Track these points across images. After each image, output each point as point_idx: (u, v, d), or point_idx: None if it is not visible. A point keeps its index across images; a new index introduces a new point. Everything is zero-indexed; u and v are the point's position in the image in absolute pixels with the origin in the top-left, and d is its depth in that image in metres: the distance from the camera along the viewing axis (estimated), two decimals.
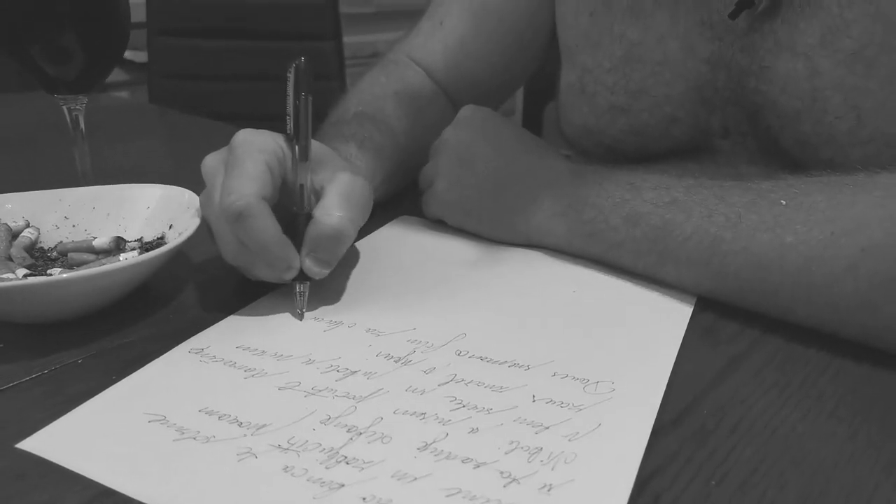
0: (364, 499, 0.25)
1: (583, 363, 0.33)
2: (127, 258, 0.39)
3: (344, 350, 0.34)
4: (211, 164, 0.38)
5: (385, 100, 0.55)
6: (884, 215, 0.33)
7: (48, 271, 0.39)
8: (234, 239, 0.36)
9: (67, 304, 0.35)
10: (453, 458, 0.27)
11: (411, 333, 0.36)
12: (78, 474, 0.26)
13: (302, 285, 0.38)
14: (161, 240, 0.42)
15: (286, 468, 0.26)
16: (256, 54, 1.41)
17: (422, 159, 0.52)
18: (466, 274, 0.43)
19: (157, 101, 1.38)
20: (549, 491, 0.25)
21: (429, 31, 0.62)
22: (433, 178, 0.49)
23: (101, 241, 0.42)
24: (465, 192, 0.47)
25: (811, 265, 0.35)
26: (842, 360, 0.35)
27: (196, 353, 0.34)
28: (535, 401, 0.30)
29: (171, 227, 0.42)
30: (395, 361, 0.33)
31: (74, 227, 0.43)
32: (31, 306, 0.34)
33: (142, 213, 0.44)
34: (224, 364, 0.33)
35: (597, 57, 0.53)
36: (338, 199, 0.37)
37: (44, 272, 0.39)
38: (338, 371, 0.32)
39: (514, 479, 0.26)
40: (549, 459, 0.27)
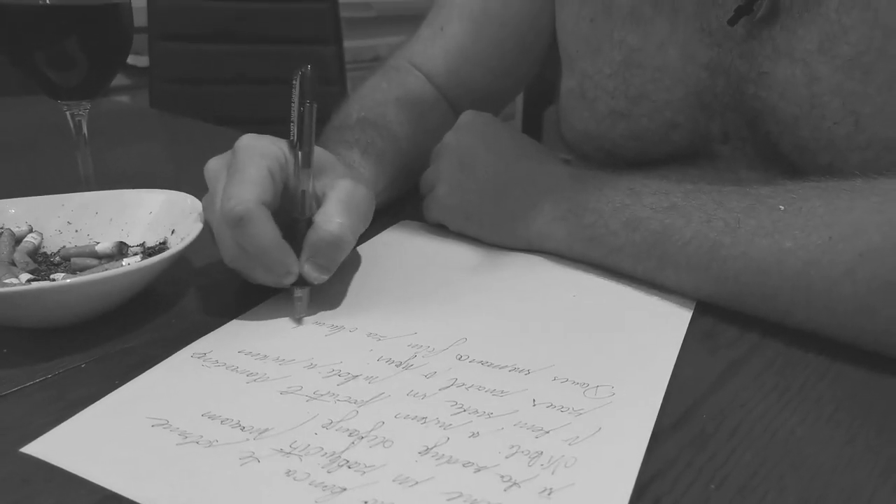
0: (366, 502, 0.25)
1: (583, 367, 0.34)
2: (130, 263, 0.39)
3: (345, 354, 0.34)
4: (214, 168, 0.38)
5: (386, 105, 0.55)
6: (882, 220, 0.34)
7: (51, 276, 0.39)
8: (234, 243, 0.36)
9: (70, 308, 0.35)
10: (454, 462, 0.27)
11: (412, 338, 0.36)
12: (82, 478, 0.26)
13: (301, 290, 0.38)
14: (163, 245, 0.42)
15: (288, 472, 0.26)
16: (257, 59, 1.41)
17: (423, 164, 0.52)
18: (467, 278, 0.43)
19: (159, 105, 1.38)
20: (549, 495, 0.25)
21: (429, 37, 0.62)
22: (434, 182, 0.50)
23: (104, 246, 0.42)
24: (466, 196, 0.48)
25: (810, 270, 0.35)
26: (841, 365, 0.35)
27: (198, 358, 0.34)
28: (535, 405, 0.31)
29: (173, 233, 0.42)
30: (397, 366, 0.34)
31: (77, 232, 0.44)
32: (35, 311, 0.35)
33: (144, 218, 0.44)
34: (226, 369, 0.33)
35: (597, 63, 0.53)
36: (338, 205, 0.37)
37: (47, 277, 0.39)
38: (339, 375, 0.33)
39: (514, 483, 0.26)
40: (550, 463, 0.27)
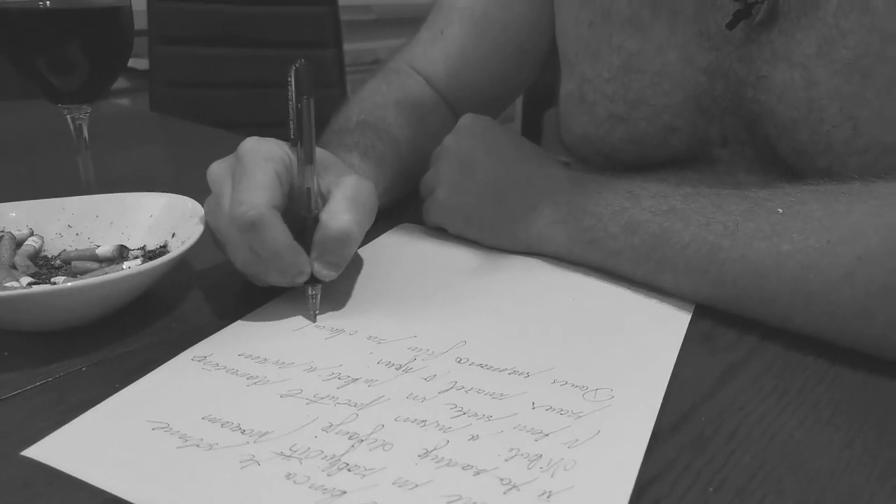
0: None
1: (582, 370, 0.34)
2: (130, 266, 0.40)
3: (345, 357, 0.35)
4: (217, 171, 0.38)
5: (386, 108, 0.55)
6: (880, 224, 0.34)
7: (52, 279, 0.39)
8: (245, 247, 0.36)
9: (71, 312, 0.35)
10: (454, 465, 0.27)
11: (412, 341, 0.36)
12: (83, 482, 0.26)
13: (314, 288, 0.38)
14: (164, 248, 0.42)
15: (289, 475, 0.26)
16: (257, 62, 1.42)
17: (423, 167, 0.52)
18: (467, 281, 0.44)
19: (159, 108, 1.38)
20: (548, 497, 0.25)
21: (429, 40, 0.63)
22: (434, 185, 0.50)
23: (105, 249, 0.42)
24: (466, 199, 0.48)
25: (808, 273, 0.35)
26: (839, 368, 0.35)
27: (199, 361, 0.34)
28: (534, 408, 0.31)
29: (173, 236, 0.42)
30: (396, 369, 0.34)
31: (78, 235, 0.44)
32: (36, 315, 0.35)
33: (145, 222, 0.44)
34: (227, 372, 0.33)
35: (596, 67, 0.53)
36: (344, 202, 0.37)
37: (47, 280, 0.39)
38: (339, 378, 0.33)
39: (514, 486, 0.26)
40: (549, 466, 0.27)
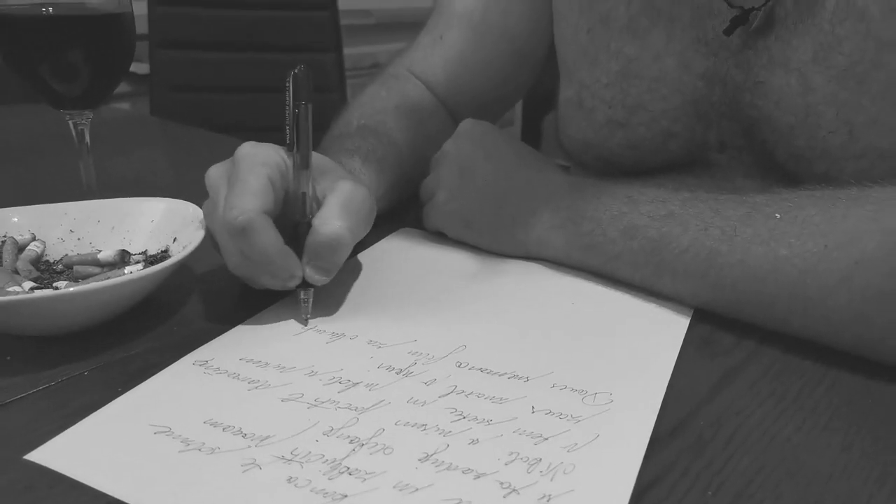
0: None
1: (581, 374, 0.34)
2: (132, 271, 0.40)
3: (346, 362, 0.35)
4: (215, 175, 0.38)
5: (386, 113, 0.56)
6: (876, 228, 0.34)
7: (54, 284, 0.39)
8: (237, 251, 0.36)
9: (73, 317, 0.36)
10: (454, 469, 0.27)
11: (412, 345, 0.36)
12: (86, 485, 0.26)
13: (305, 293, 0.38)
14: (165, 253, 0.43)
15: (290, 479, 0.27)
16: (258, 66, 1.42)
17: (423, 171, 0.52)
18: (466, 286, 0.44)
19: (159, 112, 1.38)
20: (548, 501, 0.26)
21: (429, 45, 0.63)
22: (434, 190, 0.50)
23: (106, 254, 0.42)
24: (466, 204, 0.48)
25: (805, 278, 0.35)
26: (837, 372, 0.35)
27: (200, 366, 0.34)
28: (534, 412, 0.31)
29: (175, 241, 0.43)
30: (397, 373, 0.34)
31: (80, 240, 0.44)
32: (38, 319, 0.35)
33: (146, 227, 0.44)
34: (228, 376, 0.33)
35: (594, 73, 0.54)
36: (336, 208, 0.37)
37: (50, 285, 0.39)
38: (340, 383, 0.33)
39: (513, 490, 0.26)
40: (549, 470, 0.27)
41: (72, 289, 0.34)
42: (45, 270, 0.42)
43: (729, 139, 0.50)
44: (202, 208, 0.41)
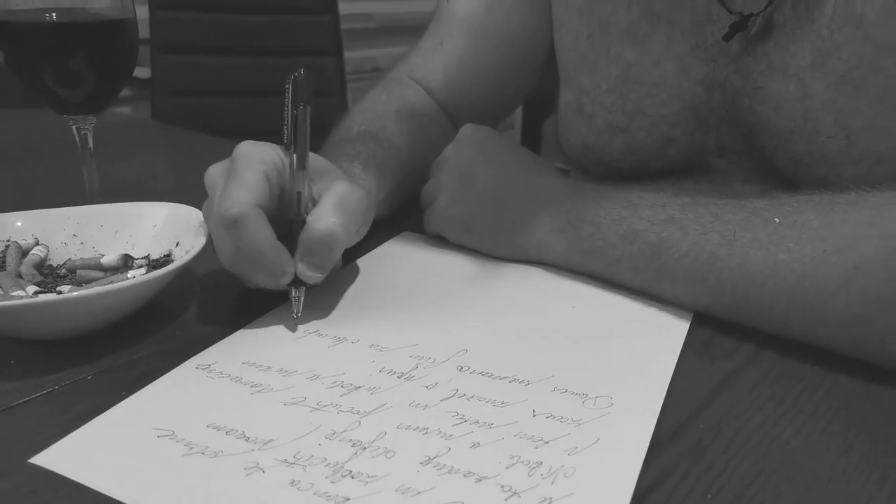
0: None
1: (582, 378, 0.34)
2: (135, 275, 0.40)
3: (348, 365, 0.35)
4: (213, 174, 0.39)
5: (387, 118, 0.56)
6: (874, 233, 0.34)
7: (57, 288, 0.40)
8: (231, 245, 0.37)
9: (77, 320, 0.36)
10: (455, 473, 0.27)
11: (414, 349, 0.37)
12: (89, 489, 0.26)
13: (297, 290, 0.39)
14: (168, 257, 0.43)
15: (293, 482, 0.27)
16: (259, 70, 1.42)
17: (423, 176, 0.53)
18: (467, 290, 0.44)
19: (160, 117, 1.39)
20: None
21: (429, 51, 0.63)
22: (434, 195, 0.50)
23: (110, 258, 0.42)
24: (466, 208, 0.48)
25: (804, 282, 0.35)
26: (836, 376, 0.35)
27: (203, 370, 0.34)
28: (535, 415, 0.31)
29: (177, 245, 0.43)
30: (398, 377, 0.34)
31: (83, 244, 0.44)
32: (42, 323, 0.35)
33: (149, 231, 0.44)
34: (231, 380, 0.34)
35: (594, 78, 0.54)
36: (330, 206, 0.38)
37: (53, 289, 0.40)
38: (342, 386, 0.33)
39: (514, 493, 0.26)
40: (549, 473, 0.27)
41: (75, 293, 0.34)
42: (48, 275, 0.42)
43: (728, 144, 0.51)
44: (202, 209, 0.41)
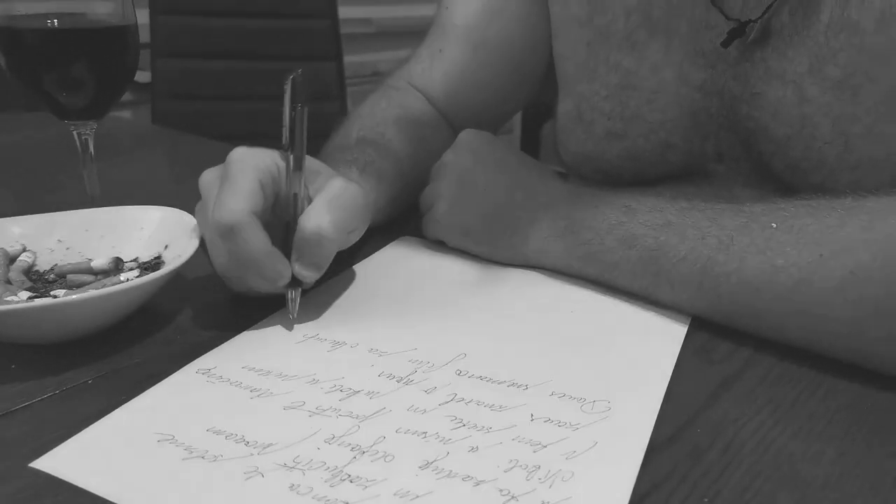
0: None
1: (580, 383, 0.34)
2: (128, 278, 0.40)
3: (347, 370, 0.35)
4: (207, 179, 0.39)
5: (386, 125, 0.56)
6: (871, 238, 0.34)
7: (52, 293, 0.39)
8: (225, 252, 0.37)
9: (78, 323, 0.36)
10: (454, 477, 0.28)
11: (412, 353, 0.37)
12: (90, 492, 0.26)
13: (293, 291, 0.39)
14: (158, 259, 0.43)
15: (292, 486, 0.27)
16: (259, 75, 1.43)
17: (422, 182, 0.53)
18: (466, 294, 0.44)
19: (160, 121, 1.39)
20: None
21: (428, 59, 0.63)
22: (434, 200, 0.50)
23: (100, 262, 0.42)
24: (465, 214, 0.48)
25: (801, 287, 0.36)
26: (832, 380, 0.35)
27: (203, 374, 0.35)
28: (533, 420, 0.31)
29: (166, 248, 0.43)
30: (397, 381, 0.34)
31: (68, 249, 0.44)
32: (41, 328, 0.35)
33: (135, 235, 0.44)
34: (230, 384, 0.34)
35: (593, 85, 0.54)
36: (323, 204, 0.38)
37: (47, 294, 0.39)
38: (341, 391, 0.33)
39: (512, 497, 0.26)
40: (547, 477, 0.28)
41: (78, 296, 0.34)
42: (37, 280, 0.41)
43: (727, 150, 0.51)
44: (195, 211, 0.41)
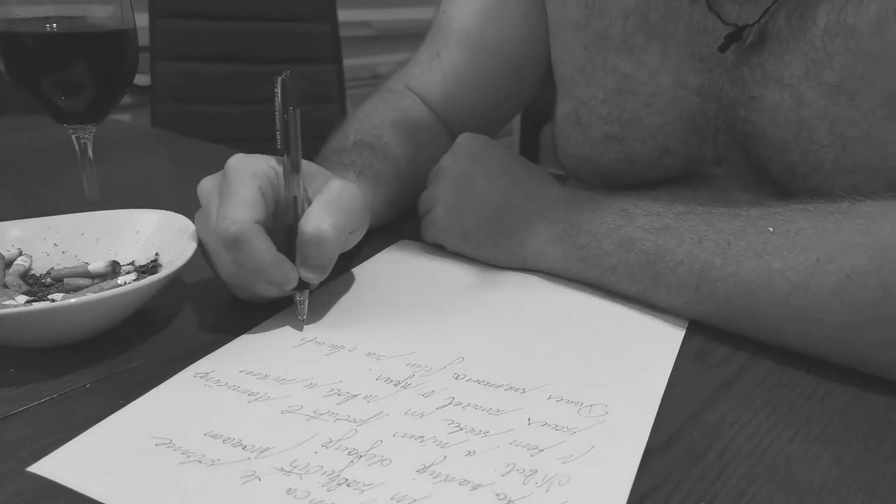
0: None
1: (577, 386, 0.34)
2: (126, 281, 0.40)
3: (344, 374, 0.35)
4: (207, 187, 0.39)
5: (383, 128, 0.56)
6: (867, 242, 0.35)
7: (49, 297, 0.39)
8: (230, 261, 0.37)
9: (77, 326, 0.36)
10: (451, 481, 0.28)
11: (410, 357, 0.37)
12: (88, 497, 0.26)
13: (301, 294, 0.39)
14: (155, 262, 0.43)
15: (289, 490, 0.27)
16: (258, 78, 1.43)
17: (420, 185, 0.53)
18: (464, 298, 0.44)
19: (160, 124, 1.39)
20: None
21: (426, 62, 0.63)
22: (432, 203, 0.50)
23: (97, 265, 0.42)
24: (463, 217, 0.48)
25: (798, 290, 0.36)
26: (829, 384, 0.36)
27: (201, 378, 0.35)
28: (530, 424, 0.31)
29: (162, 252, 0.43)
30: (395, 385, 0.34)
31: (64, 253, 0.44)
32: (39, 332, 0.35)
33: (131, 238, 0.44)
34: (228, 388, 0.34)
35: (591, 89, 0.54)
36: (321, 206, 0.38)
37: (44, 298, 0.39)
38: (339, 394, 0.33)
39: (509, 501, 0.27)
40: (544, 481, 0.28)
41: (79, 300, 0.34)
42: (33, 284, 0.41)
43: (725, 153, 0.51)
44: (195, 218, 0.41)
